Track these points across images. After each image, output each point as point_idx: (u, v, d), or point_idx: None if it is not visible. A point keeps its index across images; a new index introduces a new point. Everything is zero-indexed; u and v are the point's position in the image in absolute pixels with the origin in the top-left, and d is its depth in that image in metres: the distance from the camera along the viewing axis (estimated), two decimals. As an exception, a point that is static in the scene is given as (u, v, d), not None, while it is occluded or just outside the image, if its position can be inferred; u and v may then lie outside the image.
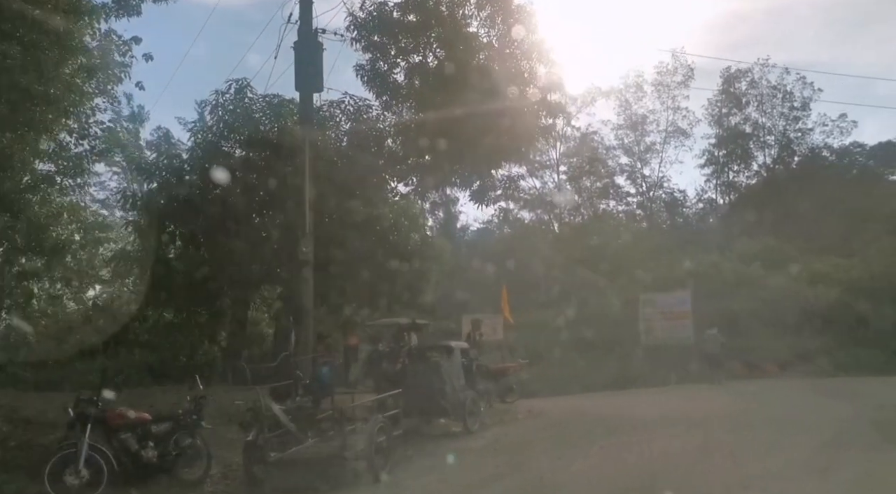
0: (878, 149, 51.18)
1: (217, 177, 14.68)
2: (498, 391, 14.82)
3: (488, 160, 16.10)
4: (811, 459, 9.08)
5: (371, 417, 8.31)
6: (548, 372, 23.21)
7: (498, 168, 16.66)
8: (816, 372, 21.27)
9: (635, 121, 41.03)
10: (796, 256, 27.62)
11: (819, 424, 11.39)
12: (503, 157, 16.32)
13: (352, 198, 15.15)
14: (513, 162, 16.67)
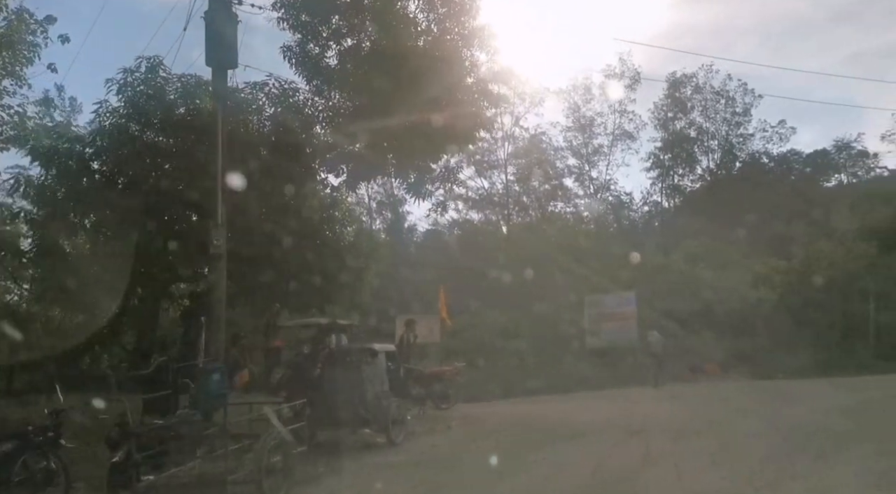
0: (813, 157, 52.52)
1: (125, 164, 13.22)
2: (432, 396, 13.73)
3: (425, 151, 14.94)
4: (759, 470, 8.24)
5: (263, 433, 7.05)
6: (491, 375, 22.35)
7: (437, 160, 15.47)
8: (757, 374, 20.90)
9: (583, 124, 40.68)
10: (738, 259, 27.43)
11: (765, 430, 10.65)
12: (442, 149, 15.17)
13: (277, 188, 13.81)
14: (452, 153, 15.46)
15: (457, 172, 15.64)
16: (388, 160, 14.80)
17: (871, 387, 16.18)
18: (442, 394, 13.79)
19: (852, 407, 12.56)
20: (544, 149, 39.19)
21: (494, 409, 14.88)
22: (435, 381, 13.64)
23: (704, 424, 11.42)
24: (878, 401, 13.38)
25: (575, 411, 13.81)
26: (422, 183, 15.20)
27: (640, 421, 11.74)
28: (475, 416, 13.39)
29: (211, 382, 7.44)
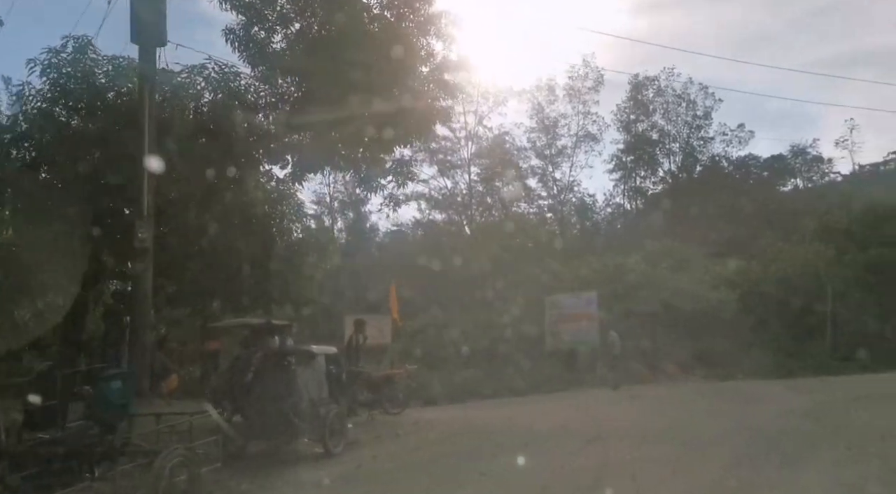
0: (770, 162, 53.16)
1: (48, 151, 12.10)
2: (382, 401, 12.83)
3: (377, 142, 14.05)
4: (721, 480, 7.58)
5: (165, 448, 6.08)
6: (449, 378, 21.54)
7: (389, 152, 14.58)
8: (717, 375, 20.48)
9: (547, 125, 40.18)
10: (699, 259, 27.13)
11: (726, 435, 10.00)
12: (395, 140, 14.28)
13: (215, 180, 12.81)
14: (405, 145, 14.59)
15: (410, 166, 14.68)
16: (336, 151, 13.86)
17: (830, 388, 15.82)
18: (392, 399, 12.90)
19: (814, 410, 12.06)
20: (508, 149, 38.53)
21: (449, 414, 14.05)
22: (385, 385, 12.75)
23: (664, 428, 10.76)
24: (839, 403, 12.92)
25: (532, 415, 13.04)
26: (373, 176, 14.29)
27: (597, 426, 11.02)
28: (427, 422, 12.53)
29: (110, 390, 6.45)
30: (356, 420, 12.55)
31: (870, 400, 13.19)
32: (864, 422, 10.62)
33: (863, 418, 11.02)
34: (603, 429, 10.76)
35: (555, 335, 22.35)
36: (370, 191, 14.21)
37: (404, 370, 13.53)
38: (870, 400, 13.28)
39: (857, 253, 24.53)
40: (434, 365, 22.84)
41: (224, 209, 13.05)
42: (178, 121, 12.32)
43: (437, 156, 36.67)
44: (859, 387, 15.51)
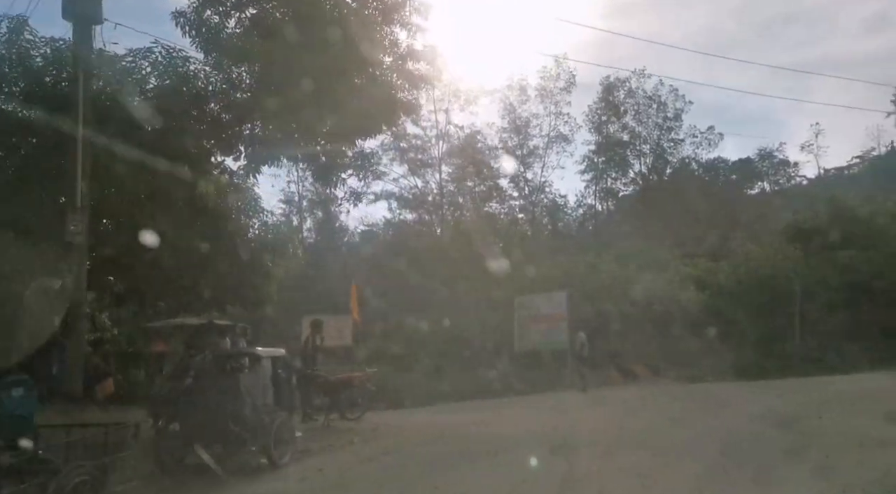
0: (738, 165, 53.56)
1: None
2: (339, 406, 12.05)
3: (337, 134, 13.30)
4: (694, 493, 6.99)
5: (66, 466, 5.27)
6: (416, 380, 20.89)
7: (351, 145, 13.82)
8: (686, 376, 20.06)
9: (519, 125, 39.69)
10: (669, 260, 26.78)
11: (698, 443, 9.44)
12: (356, 132, 13.54)
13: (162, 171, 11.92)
14: (367, 137, 13.85)
15: (372, 159, 13.94)
16: (294, 142, 13.05)
17: (800, 390, 15.38)
18: (350, 403, 12.12)
19: (787, 414, 11.55)
20: (480, 148, 37.92)
21: (411, 419, 13.32)
22: (342, 389, 11.96)
23: (633, 435, 10.16)
24: (812, 406, 12.44)
25: (497, 420, 12.39)
26: (332, 169, 13.50)
27: (563, 433, 10.39)
28: (388, 428, 11.78)
29: (10, 400, 5.61)
30: (312, 426, 11.80)
31: (842, 403, 12.76)
32: (840, 427, 10.14)
33: (837, 423, 10.54)
34: (569, 436, 10.13)
35: (524, 336, 21.76)
36: (330, 186, 13.39)
37: (364, 373, 12.76)
38: (842, 402, 12.85)
39: (825, 253, 24.34)
40: (405, 366, 22.19)
41: (171, 202, 12.15)
42: (121, 108, 11.41)
43: (407, 154, 35.91)
44: (829, 389, 15.12)
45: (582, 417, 12.12)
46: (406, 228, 38.09)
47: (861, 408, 12.08)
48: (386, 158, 35.77)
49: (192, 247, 12.74)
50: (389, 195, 36.36)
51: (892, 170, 50.41)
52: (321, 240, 40.91)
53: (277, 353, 9.22)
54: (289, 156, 13.21)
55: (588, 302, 22.56)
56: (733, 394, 15.10)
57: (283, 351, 9.52)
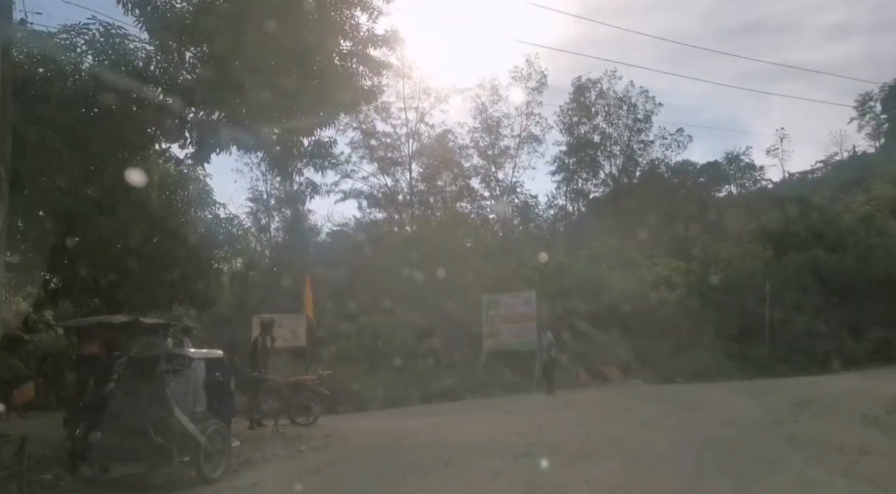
0: (706, 168, 53.87)
1: None
2: (289, 411, 11.09)
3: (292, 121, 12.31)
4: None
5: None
6: (383, 382, 19.96)
7: (308, 134, 12.83)
8: (658, 377, 19.44)
9: (490, 125, 38.96)
10: (640, 259, 26.25)
11: (673, 450, 8.71)
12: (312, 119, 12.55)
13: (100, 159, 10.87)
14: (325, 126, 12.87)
15: (330, 147, 12.95)
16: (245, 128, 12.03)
17: (773, 392, 14.86)
18: (302, 408, 11.16)
19: (763, 418, 10.95)
20: (451, 147, 37.10)
21: (370, 424, 12.38)
22: (292, 393, 11.00)
23: (602, 442, 9.39)
24: (787, 409, 11.85)
25: (459, 425, 11.53)
26: (288, 158, 12.51)
27: (528, 439, 9.58)
28: (342, 434, 10.84)
29: None
30: (261, 434, 10.83)
31: (816, 406, 12.19)
32: (817, 432, 9.51)
33: (815, 427, 9.92)
34: (534, 442, 9.32)
35: (492, 336, 20.95)
36: (284, 177, 12.41)
37: (317, 376, 11.79)
38: (816, 405, 12.28)
39: (794, 253, 24.03)
40: (372, 367, 21.31)
41: (110, 195, 11.08)
42: (54, 90, 10.33)
43: (377, 153, 34.95)
44: (802, 391, 14.59)
45: (548, 422, 11.33)
46: (376, 228, 37.10)
47: (836, 411, 11.52)
48: (356, 156, 34.86)
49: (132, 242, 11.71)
50: (358, 193, 35.37)
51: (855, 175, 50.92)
52: (289, 239, 39.66)
53: (213, 355, 8.24)
54: (239, 144, 12.15)
55: (559, 302, 21.88)
56: (705, 396, 14.47)
57: (220, 353, 8.53)
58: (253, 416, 10.98)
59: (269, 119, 12.26)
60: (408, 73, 33.74)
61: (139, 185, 11.54)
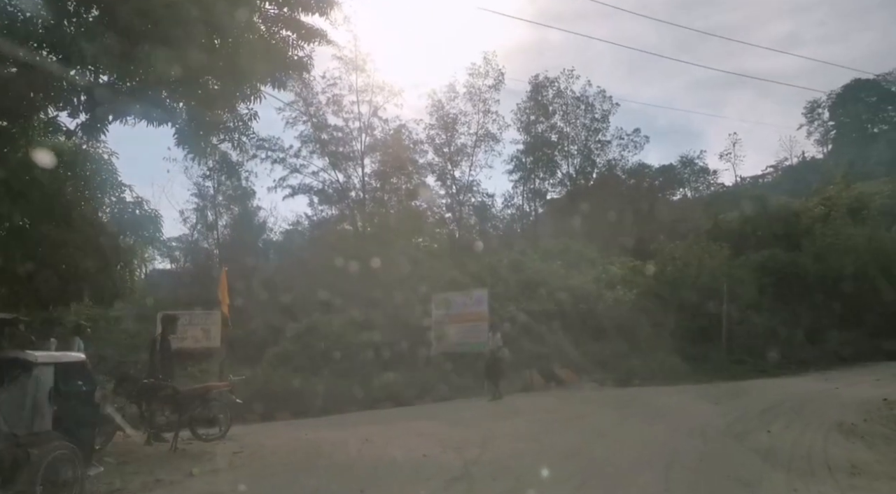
0: (661, 171, 53.73)
1: None
2: (191, 423, 9.31)
3: (206, 91, 10.56)
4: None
5: None
6: (326, 386, 18.28)
7: (225, 106, 11.05)
8: (614, 380, 18.16)
9: (447, 122, 37.48)
10: (596, 257, 25.09)
11: (635, 468, 7.28)
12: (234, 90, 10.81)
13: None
14: (245, 99, 11.11)
15: (249, 121, 11.19)
16: (147, 97, 10.21)
17: (736, 396, 13.66)
18: (206, 420, 9.40)
19: (732, 426, 9.65)
20: (405, 143, 35.44)
21: (294, 435, 10.65)
22: (195, 402, 9.23)
23: (554, 458, 7.92)
24: (755, 416, 10.63)
25: (392, 437, 9.93)
26: (201, 132, 10.68)
27: (468, 456, 8.05)
28: (253, 450, 9.13)
29: None
30: (158, 451, 9.04)
31: (785, 412, 11.02)
32: (796, 444, 8.23)
33: (791, 438, 8.65)
34: (474, 460, 7.79)
35: (441, 337, 19.39)
36: (197, 153, 10.56)
37: (226, 382, 10.02)
38: (785, 412, 11.11)
39: (750, 252, 23.18)
40: (315, 370, 19.60)
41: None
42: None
43: (328, 147, 33.07)
44: (766, 396, 13.49)
45: (494, 432, 9.82)
46: (327, 225, 35.24)
47: (808, 419, 10.32)
48: (305, 150, 32.97)
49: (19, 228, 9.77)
50: (308, 189, 33.44)
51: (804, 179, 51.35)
52: (237, 236, 37.48)
53: (68, 359, 6.45)
54: (141, 115, 10.29)
55: (512, 301, 20.47)
56: (665, 401, 13.21)
57: (80, 356, 6.75)
58: (149, 430, 9.18)
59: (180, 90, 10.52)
60: (361, 66, 32.10)
61: (42, 164, 9.69)
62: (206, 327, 12.95)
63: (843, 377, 16.77)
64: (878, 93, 57.33)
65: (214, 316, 13.15)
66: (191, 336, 10.70)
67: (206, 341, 12.93)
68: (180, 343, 10.42)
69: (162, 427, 9.07)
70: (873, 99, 57.35)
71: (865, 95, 56.95)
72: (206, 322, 13.11)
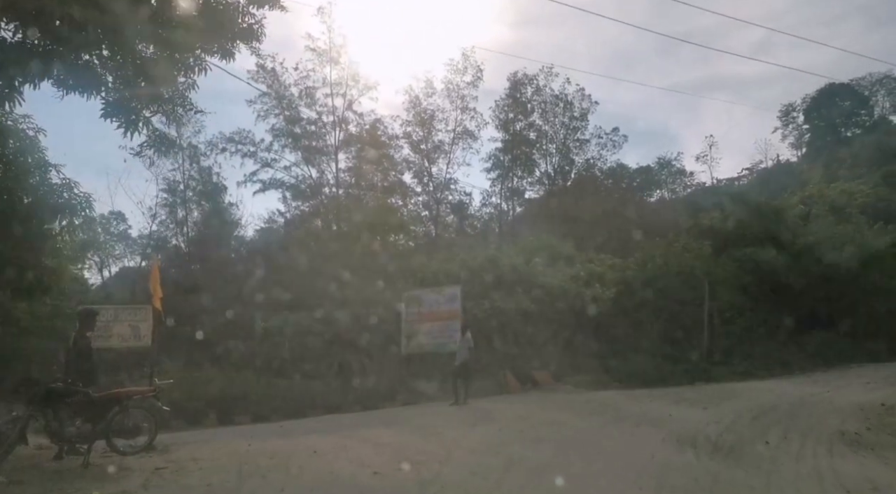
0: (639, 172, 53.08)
1: None
2: (106, 433, 7.91)
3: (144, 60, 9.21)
4: None
5: None
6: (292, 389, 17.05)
7: (169, 79, 9.70)
8: (593, 383, 17.01)
9: (424, 119, 36.21)
10: (575, 255, 23.98)
11: (620, 487, 6.08)
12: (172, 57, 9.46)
13: None
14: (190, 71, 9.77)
15: (187, 91, 9.82)
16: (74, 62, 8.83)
17: (721, 400, 12.54)
18: (126, 430, 8.00)
19: (724, 437, 8.47)
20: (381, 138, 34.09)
21: (232, 446, 9.27)
22: (110, 410, 7.83)
23: (524, 475, 6.68)
24: (746, 424, 9.50)
25: (345, 448, 8.63)
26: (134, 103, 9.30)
27: (426, 473, 6.79)
28: (180, 463, 7.77)
29: None
30: (68, 467, 7.65)
31: (779, 420, 9.91)
32: (801, 459, 7.09)
33: (794, 451, 7.51)
34: (432, 480, 6.53)
35: (411, 336, 18.10)
36: (127, 127, 9.16)
37: (152, 386, 8.63)
38: (778, 418, 10.01)
39: (732, 251, 22.24)
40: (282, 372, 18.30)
41: None
42: None
43: (301, 141, 31.62)
44: (754, 399, 12.40)
45: (460, 443, 8.56)
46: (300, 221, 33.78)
47: (805, 427, 9.20)
48: (277, 144, 31.52)
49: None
50: (280, 184, 31.95)
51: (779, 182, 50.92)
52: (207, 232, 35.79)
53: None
54: (61, 83, 8.89)
55: (487, 299, 19.24)
56: (648, 405, 12.07)
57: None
58: (57, 442, 7.77)
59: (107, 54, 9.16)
60: (335, 58, 30.76)
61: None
62: (135, 324, 11.44)
63: (830, 379, 15.80)
64: (852, 97, 57.24)
65: (145, 311, 11.60)
66: (117, 334, 9.31)
67: (135, 340, 11.42)
68: (105, 342, 9.01)
69: (72, 438, 7.67)
70: (847, 103, 57.23)
71: (839, 99, 56.80)
72: (136, 318, 11.59)
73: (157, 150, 9.22)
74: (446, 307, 17.77)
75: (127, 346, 11.06)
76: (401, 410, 14.28)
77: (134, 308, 12.17)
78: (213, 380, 16.80)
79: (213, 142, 30.82)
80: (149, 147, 9.22)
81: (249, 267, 31.29)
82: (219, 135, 30.98)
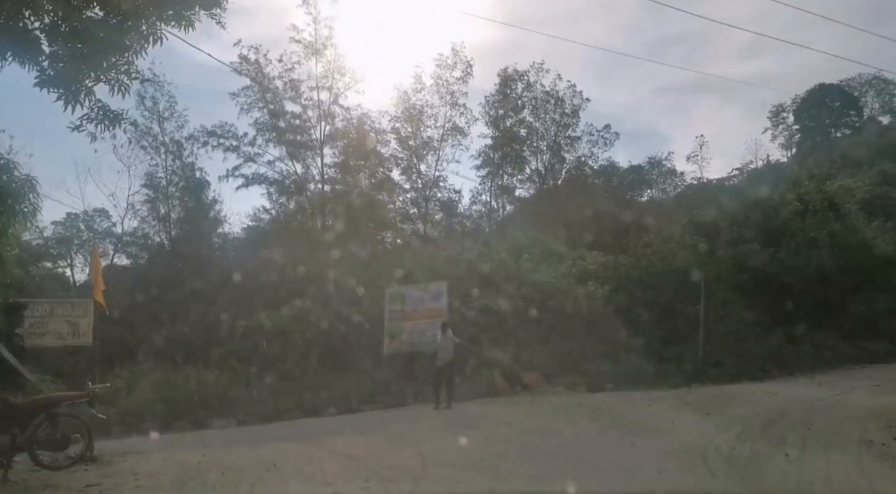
0: (629, 172, 52.43)
1: None
2: (32, 445, 6.79)
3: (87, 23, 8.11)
4: None
5: None
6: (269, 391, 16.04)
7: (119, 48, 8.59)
8: (585, 385, 15.94)
9: (413, 114, 35.09)
10: (566, 252, 22.96)
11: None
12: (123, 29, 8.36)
13: None
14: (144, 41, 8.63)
15: (133, 56, 8.70)
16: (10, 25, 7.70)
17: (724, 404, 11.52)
18: (54, 441, 6.88)
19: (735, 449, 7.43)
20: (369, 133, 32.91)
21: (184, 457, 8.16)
22: (39, 418, 6.72)
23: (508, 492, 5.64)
24: (758, 431, 8.49)
25: (308, 461, 7.54)
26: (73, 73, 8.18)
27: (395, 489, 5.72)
28: (115, 480, 6.67)
29: None
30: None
31: (792, 428, 8.89)
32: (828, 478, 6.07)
33: (816, 466, 6.49)
34: None
35: (395, 335, 17.01)
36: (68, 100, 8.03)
37: (85, 391, 7.50)
38: (791, 426, 9.00)
39: (729, 248, 21.31)
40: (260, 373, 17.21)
41: None
42: None
43: (285, 135, 30.39)
44: (759, 404, 11.42)
45: (439, 455, 7.49)
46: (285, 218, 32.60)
47: (823, 436, 8.19)
48: (261, 138, 30.29)
49: None
50: (263, 179, 30.70)
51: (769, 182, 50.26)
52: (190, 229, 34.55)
53: None
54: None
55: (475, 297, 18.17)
56: (646, 410, 11.05)
57: None
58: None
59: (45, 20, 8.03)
60: (321, 50, 29.57)
61: None
62: (74, 319, 10.23)
63: (835, 381, 14.84)
64: (842, 98, 56.73)
65: (85, 305, 10.40)
66: (52, 331, 8.17)
67: (74, 337, 10.21)
68: (38, 339, 7.88)
69: (-10, 451, 6.55)
70: (836, 104, 56.72)
71: (829, 100, 56.28)
72: (74, 313, 10.39)
73: (98, 125, 8.09)
74: (432, 304, 16.71)
75: (64, 344, 9.88)
76: (379, 414, 13.22)
77: (72, 302, 10.97)
78: (189, 382, 15.94)
79: (194, 135, 29.59)
80: (89, 120, 8.08)
81: (232, 264, 30.17)
82: (200, 129, 29.76)
